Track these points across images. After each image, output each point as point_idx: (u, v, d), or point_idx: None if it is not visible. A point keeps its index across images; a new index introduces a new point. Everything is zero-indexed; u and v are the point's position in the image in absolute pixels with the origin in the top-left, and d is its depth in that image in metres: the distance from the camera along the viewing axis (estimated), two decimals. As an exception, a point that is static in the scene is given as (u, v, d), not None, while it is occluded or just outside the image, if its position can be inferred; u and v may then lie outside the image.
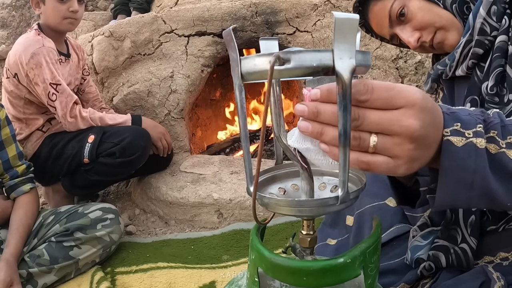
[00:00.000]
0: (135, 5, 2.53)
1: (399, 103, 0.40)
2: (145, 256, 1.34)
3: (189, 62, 1.88)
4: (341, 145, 0.39)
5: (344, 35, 0.38)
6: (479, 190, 0.46)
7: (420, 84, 2.00)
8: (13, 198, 1.35)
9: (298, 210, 0.47)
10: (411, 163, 0.41)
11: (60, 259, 1.27)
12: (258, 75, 0.42)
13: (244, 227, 1.45)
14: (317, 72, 0.40)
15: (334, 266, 0.47)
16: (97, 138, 1.51)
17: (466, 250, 0.68)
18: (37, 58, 1.47)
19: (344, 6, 1.91)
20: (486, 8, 0.73)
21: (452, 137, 0.44)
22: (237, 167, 1.76)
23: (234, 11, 1.88)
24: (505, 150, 0.46)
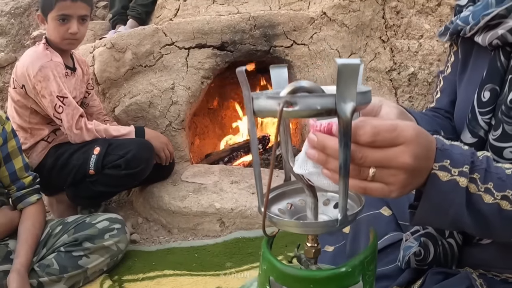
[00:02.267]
0: (134, 13, 2.60)
1: (399, 142, 0.48)
2: (151, 264, 1.41)
3: (190, 74, 1.97)
4: (341, 177, 0.46)
5: (345, 80, 0.45)
6: (451, 219, 0.55)
7: (413, 94, 2.10)
8: (20, 208, 1.41)
9: (303, 230, 0.56)
10: (403, 189, 0.50)
11: (70, 268, 1.34)
12: (269, 113, 0.49)
13: (246, 235, 1.53)
14: (321, 114, 0.46)
15: (337, 275, 0.55)
16: (102, 150, 1.58)
17: (452, 245, 0.75)
18: (45, 71, 1.54)
19: (340, 20, 2.01)
20: None
21: (439, 171, 0.52)
22: (237, 177, 1.85)
23: (233, 24, 1.96)
24: (481, 193, 0.54)
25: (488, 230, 0.58)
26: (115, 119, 2.00)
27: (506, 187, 0.54)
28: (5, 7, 3.12)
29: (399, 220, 0.99)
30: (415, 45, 2.09)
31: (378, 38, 2.09)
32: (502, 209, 0.54)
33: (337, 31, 2.02)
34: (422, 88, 2.09)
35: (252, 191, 1.72)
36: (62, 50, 1.67)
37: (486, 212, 0.55)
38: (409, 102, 2.10)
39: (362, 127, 0.48)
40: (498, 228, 0.57)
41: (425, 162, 0.51)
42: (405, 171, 0.48)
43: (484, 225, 0.57)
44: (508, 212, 0.54)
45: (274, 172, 0.69)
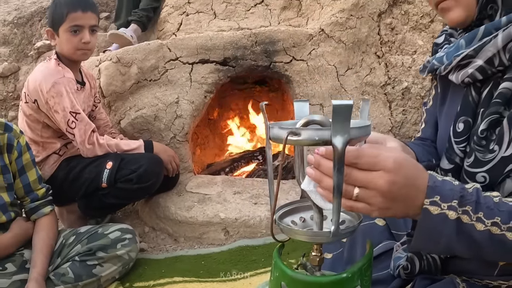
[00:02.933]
0: (135, 18, 2.68)
1: (378, 167, 0.59)
2: (161, 272, 1.52)
3: (193, 89, 2.08)
4: (334, 196, 0.58)
5: (339, 118, 0.56)
6: (443, 247, 0.65)
7: (407, 108, 2.23)
8: (34, 219, 1.49)
9: (303, 237, 0.68)
10: (382, 211, 0.61)
11: (84, 276, 1.44)
12: (279, 140, 0.62)
13: (249, 243, 1.64)
14: (320, 144, 0.58)
15: (339, 280, 0.66)
16: (115, 164, 1.67)
17: (435, 258, 0.86)
18: (58, 87, 1.63)
19: (337, 37, 2.14)
20: (505, 42, 0.74)
21: (430, 206, 0.61)
22: (239, 187, 1.96)
23: (235, 41, 2.08)
24: (474, 222, 0.63)
25: (480, 253, 0.66)
26: (121, 131, 2.11)
27: (494, 214, 0.63)
28: (7, 17, 3.20)
29: (392, 230, 1.10)
30: (408, 61, 2.22)
31: (373, 53, 2.22)
32: (493, 234, 0.63)
33: (334, 47, 2.14)
34: (415, 102, 2.21)
35: (254, 201, 1.83)
36: (73, 64, 1.77)
37: (478, 238, 0.63)
38: (403, 115, 2.22)
39: (350, 150, 0.58)
40: (489, 252, 0.65)
41: (404, 193, 0.60)
42: (382, 195, 0.59)
43: (477, 250, 0.65)
44: (498, 236, 0.63)
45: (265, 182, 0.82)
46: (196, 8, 2.47)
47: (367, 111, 0.71)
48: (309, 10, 2.37)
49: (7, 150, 1.40)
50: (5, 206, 1.40)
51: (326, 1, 2.27)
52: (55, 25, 1.71)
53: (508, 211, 0.63)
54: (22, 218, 1.51)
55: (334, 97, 2.14)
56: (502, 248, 0.64)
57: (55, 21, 1.70)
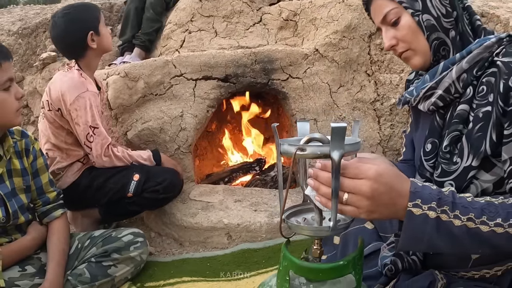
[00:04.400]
0: (138, 42, 2.89)
1: (362, 176, 0.76)
2: (170, 273, 1.68)
3: (197, 103, 2.26)
4: (332, 198, 0.75)
5: (336, 136, 0.74)
6: (427, 243, 0.79)
7: (394, 122, 2.44)
8: (46, 222, 1.61)
9: (307, 232, 0.85)
10: (368, 213, 0.76)
11: (100, 276, 1.59)
12: (289, 154, 0.80)
13: (251, 246, 1.82)
14: (321, 157, 0.77)
15: (337, 266, 0.85)
16: (142, 177, 1.88)
17: (415, 261, 1.04)
18: (82, 101, 1.77)
19: (330, 56, 2.35)
20: (458, 74, 0.92)
21: (413, 208, 0.76)
22: (239, 196, 2.14)
23: (236, 59, 2.28)
24: (452, 219, 0.76)
25: (461, 247, 0.79)
26: (128, 142, 2.28)
27: (469, 211, 0.77)
28: (12, 27, 3.33)
29: (380, 233, 1.29)
30: (396, 79, 2.44)
31: (364, 72, 2.44)
32: (469, 228, 0.76)
33: (328, 66, 2.35)
34: (402, 117, 2.43)
35: (254, 208, 2.02)
36: (93, 70, 1.96)
37: (457, 233, 0.76)
38: (391, 129, 2.43)
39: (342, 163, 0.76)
40: (468, 244, 0.78)
41: (387, 198, 0.75)
42: (367, 199, 0.75)
43: (457, 244, 0.78)
44: (474, 229, 0.78)
45: (263, 191, 1.00)
46: (198, 26, 2.67)
47: (358, 130, 0.91)
48: (305, 30, 2.58)
49: (25, 155, 1.55)
50: (23, 207, 1.52)
51: (320, 23, 2.49)
52: (95, 25, 1.89)
53: (480, 208, 0.78)
54: (36, 222, 1.65)
55: (327, 113, 2.35)
56: (478, 240, 0.77)
57: (94, 22, 1.90)
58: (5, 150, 1.44)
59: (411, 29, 0.99)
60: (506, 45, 0.92)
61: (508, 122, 0.85)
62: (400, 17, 1.00)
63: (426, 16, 0.98)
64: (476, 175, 0.92)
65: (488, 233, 0.77)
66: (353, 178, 0.76)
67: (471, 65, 0.93)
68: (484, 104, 0.89)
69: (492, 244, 0.78)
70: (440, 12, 0.98)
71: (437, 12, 0.98)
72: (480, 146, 0.89)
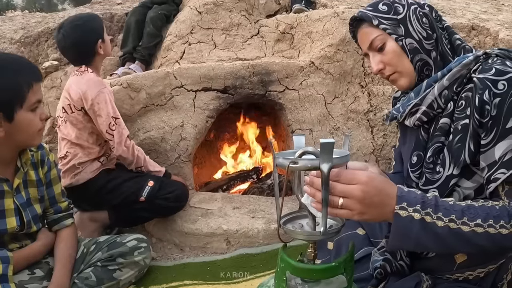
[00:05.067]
0: (139, 56, 3.00)
1: (355, 182, 0.86)
2: (172, 276, 1.78)
3: (196, 114, 2.37)
4: (322, 206, 0.85)
5: (325, 151, 0.84)
6: (414, 242, 0.89)
7: (387, 132, 2.56)
8: (55, 230, 1.69)
9: (301, 236, 0.95)
10: (360, 215, 0.87)
11: (105, 280, 1.67)
12: (283, 167, 0.90)
13: (249, 251, 1.92)
14: (312, 169, 0.87)
15: (330, 267, 0.95)
16: (156, 185, 2.03)
17: (403, 265, 1.14)
18: (103, 96, 1.98)
19: (325, 69, 2.47)
20: (439, 91, 1.03)
21: (400, 210, 0.86)
22: (237, 203, 2.24)
23: (235, 71, 2.39)
24: (435, 220, 0.87)
25: (445, 247, 0.88)
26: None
27: (450, 213, 0.87)
28: (14, 35, 3.42)
29: (371, 238, 1.39)
30: (389, 90, 2.56)
31: (357, 84, 2.56)
32: (451, 228, 0.86)
33: (323, 78, 2.47)
34: (394, 127, 2.55)
35: (252, 215, 2.12)
36: (99, 72, 2.18)
37: (441, 233, 0.86)
38: (383, 138, 2.55)
39: (334, 171, 0.87)
40: (452, 243, 0.87)
41: (377, 200, 0.86)
42: (359, 202, 0.85)
43: (442, 243, 0.87)
44: (455, 229, 0.88)
45: (260, 198, 1.10)
46: (198, 38, 2.79)
47: (348, 144, 1.02)
48: (301, 43, 2.70)
49: (40, 165, 1.63)
50: (37, 217, 1.60)
51: (316, 36, 2.61)
52: (101, 34, 2.13)
53: (460, 210, 0.88)
54: (45, 228, 1.74)
55: (322, 123, 2.46)
56: (460, 239, 0.87)
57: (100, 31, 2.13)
58: (23, 162, 1.52)
59: (396, 53, 1.10)
60: (482, 62, 1.01)
61: (484, 133, 0.95)
62: (385, 43, 1.10)
63: (409, 40, 1.09)
64: (458, 183, 1.02)
65: (469, 233, 0.88)
66: (347, 184, 0.86)
67: (451, 82, 1.03)
68: (462, 117, 0.99)
69: (474, 243, 0.88)
70: (421, 35, 1.09)
71: (418, 36, 1.09)
72: (460, 155, 0.99)
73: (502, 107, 0.93)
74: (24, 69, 1.41)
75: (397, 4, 1.12)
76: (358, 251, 1.36)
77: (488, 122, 0.94)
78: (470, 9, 3.64)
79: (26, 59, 1.54)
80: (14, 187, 1.49)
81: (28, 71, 1.42)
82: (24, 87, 1.38)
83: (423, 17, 1.11)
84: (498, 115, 0.93)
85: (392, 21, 1.10)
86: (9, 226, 1.46)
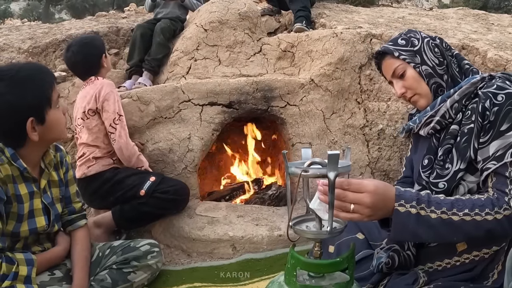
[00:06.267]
0: (148, 66, 3.18)
1: (363, 190, 1.05)
2: (182, 279, 1.93)
3: (203, 127, 2.54)
4: (329, 208, 1.03)
5: (332, 161, 1.02)
6: (412, 233, 1.09)
7: (382, 146, 2.75)
8: (69, 230, 1.80)
9: (309, 235, 1.12)
10: (369, 217, 1.06)
11: (120, 282, 1.81)
12: (295, 175, 1.08)
13: (254, 256, 2.09)
14: (320, 177, 1.05)
15: (335, 262, 1.11)
16: (157, 179, 2.24)
17: (410, 255, 1.33)
18: (112, 95, 2.28)
19: (324, 86, 2.66)
20: (451, 104, 1.28)
21: (399, 207, 1.07)
22: (241, 212, 2.41)
23: (239, 87, 2.57)
24: (429, 213, 1.09)
25: (439, 236, 1.08)
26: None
27: (441, 206, 1.08)
28: (22, 45, 3.56)
29: (370, 241, 1.57)
30: (384, 107, 2.76)
31: (354, 100, 2.76)
32: (443, 219, 1.07)
33: (322, 94, 2.66)
34: (389, 141, 2.74)
35: (256, 223, 2.28)
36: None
37: (435, 223, 1.08)
38: (378, 152, 2.73)
39: (343, 180, 1.06)
40: (445, 232, 1.07)
41: (382, 204, 1.06)
42: (368, 207, 1.05)
43: (436, 233, 1.07)
44: (447, 219, 1.08)
45: (262, 207, 1.27)
46: (203, 54, 2.98)
47: (349, 155, 1.20)
48: (301, 61, 2.90)
49: (60, 167, 1.76)
50: (58, 216, 1.71)
51: (316, 55, 2.81)
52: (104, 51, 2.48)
53: (450, 202, 1.10)
54: (62, 232, 1.83)
55: (321, 137, 2.64)
56: (452, 228, 1.07)
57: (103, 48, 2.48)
58: (46, 164, 1.65)
59: (415, 78, 1.35)
60: (487, 82, 1.26)
61: (483, 133, 1.19)
62: (406, 71, 1.36)
63: (424, 67, 1.35)
64: (464, 177, 1.24)
65: (459, 221, 1.09)
66: (356, 192, 1.05)
67: (461, 97, 1.28)
68: (469, 123, 1.23)
69: (464, 230, 1.09)
70: (434, 62, 1.35)
71: (432, 63, 1.35)
72: (466, 153, 1.22)
73: (499, 114, 1.17)
74: (43, 72, 1.56)
75: (413, 38, 1.38)
76: (357, 253, 1.52)
77: (486, 125, 1.18)
78: (461, 29, 3.86)
79: (39, 63, 1.71)
80: (42, 187, 1.62)
81: (47, 73, 1.58)
82: (48, 88, 1.53)
83: (435, 48, 1.36)
84: (495, 120, 1.17)
85: (410, 52, 1.36)
86: (39, 225, 1.58)
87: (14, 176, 1.51)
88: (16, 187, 1.51)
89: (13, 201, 1.50)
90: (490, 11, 9.87)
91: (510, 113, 1.16)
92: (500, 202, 1.11)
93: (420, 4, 13.36)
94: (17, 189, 1.51)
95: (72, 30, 3.80)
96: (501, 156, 1.16)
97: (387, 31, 2.94)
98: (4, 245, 1.48)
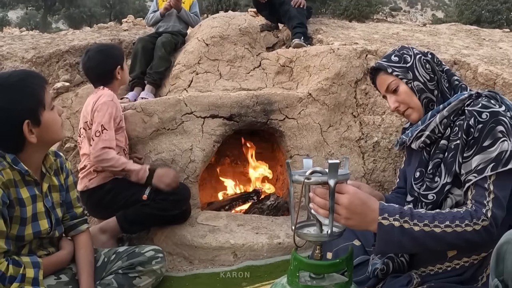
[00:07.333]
0: (150, 80, 3.30)
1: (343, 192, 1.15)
2: (185, 285, 2.02)
3: (204, 139, 2.66)
4: (330, 212, 1.15)
5: (332, 169, 1.14)
6: (397, 246, 1.19)
7: (376, 158, 2.88)
8: (72, 236, 1.87)
9: (311, 238, 1.23)
10: (346, 220, 1.16)
11: (126, 286, 1.89)
12: (298, 182, 1.20)
13: (254, 263, 2.19)
14: (321, 184, 1.17)
15: (335, 263, 1.23)
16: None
17: (403, 261, 1.44)
18: (105, 106, 2.28)
19: (322, 100, 2.80)
20: (440, 119, 1.38)
21: (382, 220, 1.17)
22: (241, 221, 2.51)
23: (240, 101, 2.70)
24: (412, 226, 1.19)
25: (423, 247, 1.18)
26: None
27: (423, 219, 1.20)
28: (26, 54, 3.66)
29: (366, 248, 1.67)
30: (378, 120, 2.89)
31: (350, 113, 2.89)
32: (426, 231, 1.16)
33: (319, 108, 2.80)
34: (384, 153, 2.87)
35: (256, 231, 2.39)
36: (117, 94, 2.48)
37: (418, 236, 1.18)
38: (373, 163, 2.86)
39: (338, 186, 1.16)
40: (428, 244, 1.16)
41: (360, 209, 1.16)
42: (345, 208, 1.15)
43: (420, 244, 1.17)
44: (429, 231, 1.18)
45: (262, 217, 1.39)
46: (204, 68, 3.11)
47: (347, 164, 1.32)
48: (299, 76, 3.05)
49: (60, 172, 1.83)
50: (59, 221, 1.78)
51: (313, 70, 2.95)
52: (120, 61, 2.50)
53: (431, 216, 1.20)
54: (65, 237, 1.89)
55: (318, 149, 2.77)
56: (434, 239, 1.17)
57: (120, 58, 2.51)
58: (47, 168, 1.74)
59: (407, 93, 1.45)
60: (474, 99, 1.36)
61: (467, 148, 1.30)
62: (399, 86, 1.46)
63: (416, 83, 1.46)
64: (451, 191, 1.34)
65: (441, 233, 1.20)
66: (338, 193, 1.15)
67: (450, 113, 1.38)
68: (455, 139, 1.34)
69: (446, 241, 1.20)
70: (425, 78, 1.46)
71: (423, 79, 1.46)
72: (452, 167, 1.33)
73: (482, 131, 1.28)
74: (33, 76, 1.65)
75: (406, 54, 1.50)
76: (355, 258, 1.63)
77: (471, 141, 1.30)
78: (454, 44, 4.03)
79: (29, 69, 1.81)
80: (44, 190, 1.69)
81: (37, 77, 1.66)
82: (40, 91, 1.61)
83: (426, 64, 1.48)
84: (479, 136, 1.28)
85: (402, 68, 1.47)
86: (42, 228, 1.65)
87: (16, 180, 1.58)
88: (18, 191, 1.58)
89: (16, 205, 1.56)
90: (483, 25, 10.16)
91: (493, 130, 1.27)
92: (478, 214, 1.22)
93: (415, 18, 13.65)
94: (19, 193, 1.58)
95: (75, 41, 3.92)
96: (482, 170, 1.26)
97: (382, 47, 3.10)
98: (10, 248, 1.54)
